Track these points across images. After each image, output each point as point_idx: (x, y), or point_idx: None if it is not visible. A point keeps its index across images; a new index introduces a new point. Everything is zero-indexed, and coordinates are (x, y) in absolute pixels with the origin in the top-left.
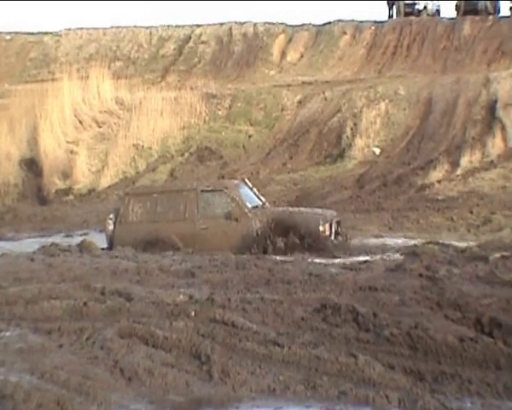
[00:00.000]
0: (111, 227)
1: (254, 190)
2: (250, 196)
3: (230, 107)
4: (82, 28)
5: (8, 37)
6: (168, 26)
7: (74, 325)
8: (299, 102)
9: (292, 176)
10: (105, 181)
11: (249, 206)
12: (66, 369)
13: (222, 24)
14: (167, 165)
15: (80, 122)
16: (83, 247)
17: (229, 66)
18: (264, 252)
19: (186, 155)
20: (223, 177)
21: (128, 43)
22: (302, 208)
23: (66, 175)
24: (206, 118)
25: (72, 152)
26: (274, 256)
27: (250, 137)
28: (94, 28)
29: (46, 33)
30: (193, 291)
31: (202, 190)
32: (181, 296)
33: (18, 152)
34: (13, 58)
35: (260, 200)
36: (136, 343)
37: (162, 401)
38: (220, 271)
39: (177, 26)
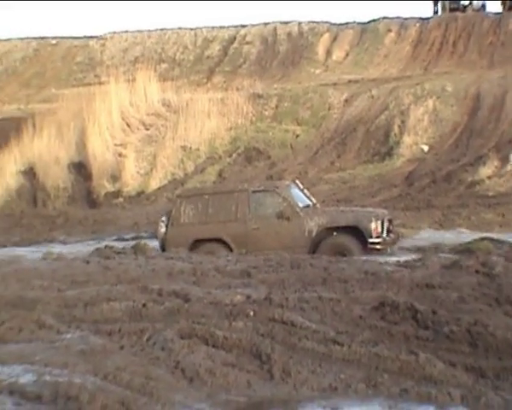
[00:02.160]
0: (163, 230)
1: (305, 190)
2: (301, 197)
3: (277, 107)
4: (127, 31)
5: (53, 41)
6: (213, 27)
7: (134, 327)
8: (346, 100)
9: (340, 175)
10: (154, 183)
11: (300, 205)
12: (129, 370)
13: (266, 24)
14: (215, 166)
15: (128, 125)
16: (137, 249)
17: (274, 66)
18: (315, 251)
19: (234, 155)
20: (271, 177)
21: (173, 45)
22: (353, 207)
23: (115, 178)
24: (253, 118)
25: (120, 155)
26: (327, 255)
27: (297, 136)
28: (138, 31)
29: (91, 37)
30: (250, 291)
31: (254, 191)
32: (238, 296)
33: (67, 156)
34: (59, 63)
35: (311, 200)
36: (197, 344)
37: (225, 401)
38: (276, 270)
39: (221, 27)
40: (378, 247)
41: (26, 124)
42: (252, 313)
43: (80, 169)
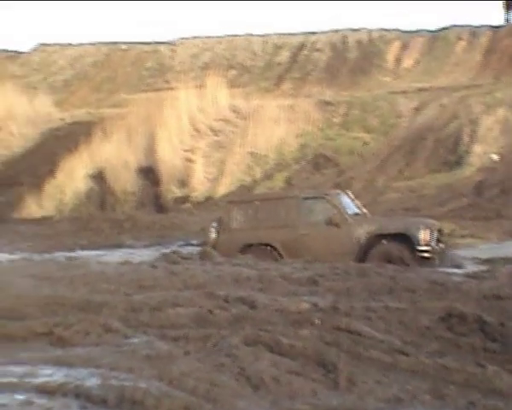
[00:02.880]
0: (213, 235)
1: (356, 201)
2: (350, 205)
3: (346, 114)
4: (196, 37)
5: (124, 47)
6: (282, 33)
7: (200, 333)
8: (416, 108)
9: (408, 183)
10: (222, 189)
11: (350, 213)
12: (194, 376)
13: (336, 31)
14: (283, 173)
15: (197, 130)
16: (204, 254)
17: (343, 73)
18: (364, 258)
19: (302, 162)
20: (339, 185)
21: (242, 51)
22: (403, 216)
23: (183, 183)
24: (322, 125)
25: (188, 160)
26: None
27: (366, 144)
28: (208, 37)
29: (161, 43)
30: (316, 299)
31: (304, 198)
32: (305, 304)
33: (135, 160)
34: (129, 68)
35: (361, 210)
36: (262, 351)
37: (289, 409)
38: (342, 279)
39: (291, 34)
40: (426, 255)
41: (95, 128)
42: (318, 322)
43: (149, 174)
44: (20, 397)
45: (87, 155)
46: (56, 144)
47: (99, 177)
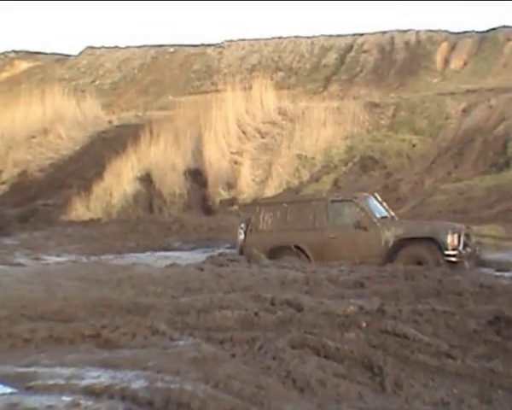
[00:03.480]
0: (242, 236)
1: (384, 204)
2: (378, 208)
3: (393, 116)
4: (244, 39)
5: (171, 49)
6: (330, 35)
7: (246, 335)
8: (464, 110)
9: (457, 185)
10: (269, 191)
11: (378, 216)
12: (240, 379)
13: (384, 32)
14: (331, 175)
15: (244, 133)
16: (251, 257)
17: (391, 74)
18: (391, 262)
19: (349, 164)
20: (387, 187)
21: (290, 53)
22: (431, 221)
23: (230, 185)
24: (369, 127)
25: (236, 162)
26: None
27: (414, 146)
28: (255, 39)
29: (208, 45)
30: (363, 302)
31: (332, 201)
32: (351, 307)
33: (183, 163)
34: (176, 70)
35: (389, 213)
36: (308, 354)
37: None
38: (389, 281)
39: (338, 36)
40: (454, 260)
41: (143, 131)
42: (364, 325)
43: (196, 176)
44: (67, 399)
45: (135, 157)
46: (104, 147)
47: (146, 179)
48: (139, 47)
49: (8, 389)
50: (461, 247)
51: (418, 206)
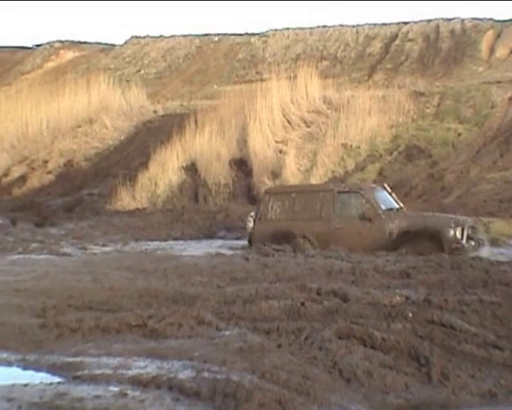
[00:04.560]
0: (251, 224)
1: (393, 195)
2: (386, 200)
3: (439, 104)
4: (288, 28)
5: (216, 38)
6: (374, 24)
7: (292, 325)
8: (510, 98)
9: (503, 174)
10: (314, 181)
11: (383, 208)
12: (286, 369)
13: (429, 21)
14: (376, 164)
15: (289, 122)
16: (296, 247)
17: (436, 63)
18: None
19: (394, 153)
20: (432, 176)
21: (334, 42)
22: (437, 213)
23: (275, 175)
24: (415, 116)
25: (281, 152)
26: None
27: (459, 135)
28: (300, 28)
29: (253, 34)
30: (409, 292)
31: (339, 191)
32: (397, 297)
33: (228, 152)
34: (221, 59)
35: (398, 204)
36: (355, 344)
37: (382, 402)
38: (435, 271)
39: (383, 24)
40: (456, 253)
41: (188, 120)
42: (410, 315)
43: (241, 165)
44: (114, 389)
45: (180, 146)
46: (149, 136)
47: (191, 169)
48: (184, 36)
49: (56, 379)
50: (464, 240)
51: (463, 195)
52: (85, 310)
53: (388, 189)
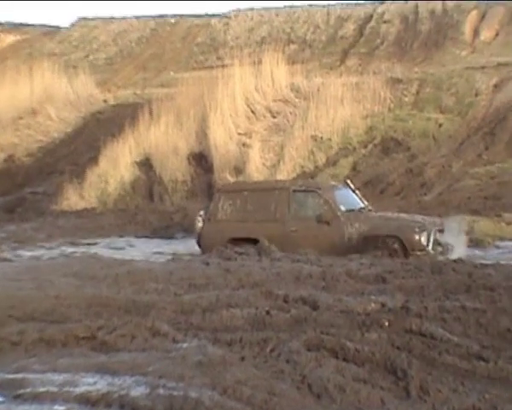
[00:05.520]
0: (200, 224)
1: (357, 192)
2: (347, 199)
3: (418, 92)
4: (252, 9)
5: (172, 20)
6: (347, 3)
7: (257, 336)
8: (495, 85)
9: (488, 169)
10: (281, 177)
11: (343, 209)
12: (250, 384)
13: (407, 0)
14: (349, 158)
15: (253, 112)
16: (261, 250)
17: (415, 47)
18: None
19: (369, 146)
20: (410, 171)
21: (303, 24)
22: (402, 215)
23: (238, 170)
24: (392, 105)
25: (244, 145)
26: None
27: (440, 125)
28: (265, 9)
29: (213, 15)
30: (385, 299)
31: (294, 190)
32: (372, 305)
33: (186, 146)
34: (178, 43)
35: (362, 204)
36: (325, 356)
37: None
38: (414, 276)
39: (356, 4)
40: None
41: (142, 111)
42: (387, 324)
43: (200, 160)
44: (60, 408)
45: (133, 140)
46: (99, 129)
47: (146, 164)
48: (137, 18)
49: None
50: (430, 246)
51: (445, 192)
52: (28, 321)
53: (352, 186)
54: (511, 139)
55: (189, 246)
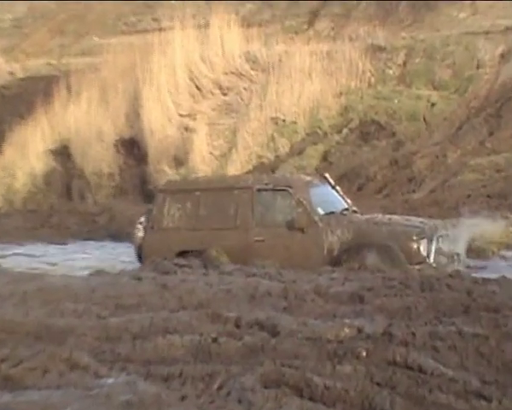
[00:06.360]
0: (140, 234)
1: (338, 188)
2: (326, 199)
3: (405, 64)
4: None
5: None
6: None
7: (201, 370)
8: (502, 55)
9: (493, 159)
10: (233, 169)
11: (321, 212)
12: None
13: None
14: (319, 146)
15: (198, 88)
16: (208, 261)
17: (402, 6)
18: None
19: (344, 131)
20: (395, 162)
21: None
22: (396, 217)
23: (179, 161)
24: (372, 80)
25: (187, 129)
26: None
27: (433, 105)
28: None
29: None
30: (362, 323)
31: (260, 189)
32: (346, 330)
33: (113, 130)
34: (104, 2)
35: (345, 204)
36: (287, 395)
37: None
38: (399, 294)
39: None
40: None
41: (58, 85)
42: (364, 354)
43: (132, 149)
44: None
45: (46, 122)
46: (3, 108)
47: (63, 153)
48: None
49: None
50: (431, 257)
51: (439, 188)
52: None
53: (331, 181)
54: None
55: (117, 256)
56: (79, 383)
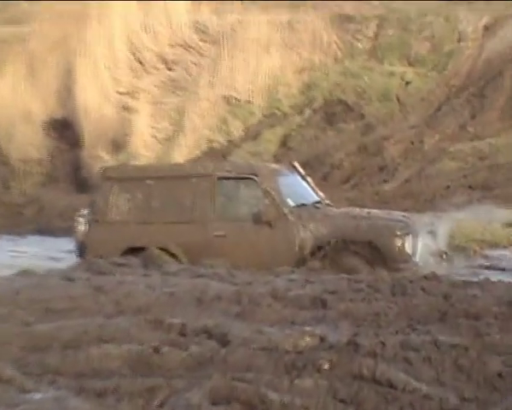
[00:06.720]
0: (82, 228)
1: (308, 179)
2: (297, 190)
3: (376, 36)
4: None
5: None
6: None
7: (140, 384)
8: (486, 27)
9: (475, 145)
10: (179, 155)
11: (291, 204)
12: None
13: None
14: (277, 129)
15: (140, 62)
16: (149, 259)
17: None
18: None
19: (307, 112)
20: (365, 148)
21: None
22: (375, 211)
23: (117, 145)
24: (339, 54)
25: (126, 109)
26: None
27: (408, 83)
28: None
29: None
30: (325, 331)
31: (221, 177)
32: (307, 339)
33: (43, 110)
34: None
35: (316, 196)
36: None
37: None
38: (367, 298)
39: None
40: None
41: None
42: (327, 366)
43: (63, 131)
44: None
45: None
46: None
47: None
48: None
49: None
50: (416, 256)
51: (414, 178)
52: None
53: (301, 171)
54: (507, 105)
55: (46, 253)
56: (2, 399)
